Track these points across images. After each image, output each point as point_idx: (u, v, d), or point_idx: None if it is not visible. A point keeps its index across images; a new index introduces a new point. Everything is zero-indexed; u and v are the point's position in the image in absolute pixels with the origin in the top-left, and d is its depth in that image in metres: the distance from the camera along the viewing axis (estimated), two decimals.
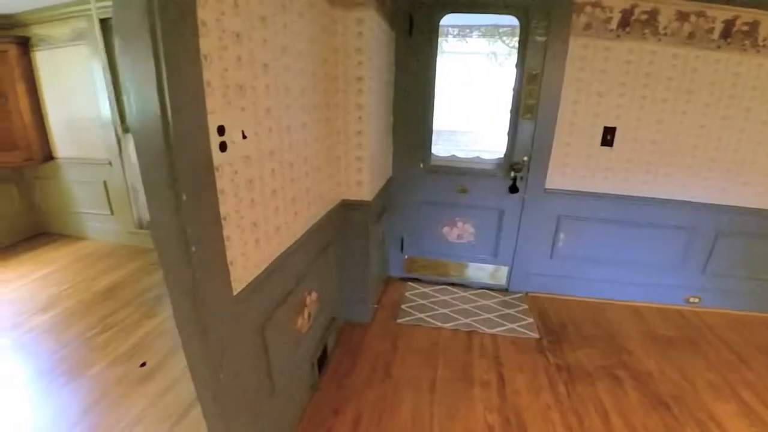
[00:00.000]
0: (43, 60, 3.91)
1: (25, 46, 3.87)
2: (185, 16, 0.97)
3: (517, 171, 2.84)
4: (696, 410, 2.11)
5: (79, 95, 3.83)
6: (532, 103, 2.75)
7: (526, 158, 2.83)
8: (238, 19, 1.19)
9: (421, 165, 2.98)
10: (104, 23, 3.53)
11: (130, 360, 2.44)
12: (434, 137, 2.98)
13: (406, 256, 3.25)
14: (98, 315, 2.93)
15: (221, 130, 1.11)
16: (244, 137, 1.22)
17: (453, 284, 3.24)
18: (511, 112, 2.83)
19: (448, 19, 2.75)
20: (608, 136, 2.74)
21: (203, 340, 1.15)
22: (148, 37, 0.88)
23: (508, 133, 2.86)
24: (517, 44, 2.75)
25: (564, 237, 2.97)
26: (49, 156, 4.17)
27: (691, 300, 3.06)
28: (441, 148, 3.03)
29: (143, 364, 2.39)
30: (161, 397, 2.16)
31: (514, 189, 2.86)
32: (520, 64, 2.71)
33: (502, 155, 2.94)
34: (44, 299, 3.19)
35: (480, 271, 3.20)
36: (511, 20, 2.70)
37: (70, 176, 4.20)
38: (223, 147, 1.12)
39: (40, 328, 2.82)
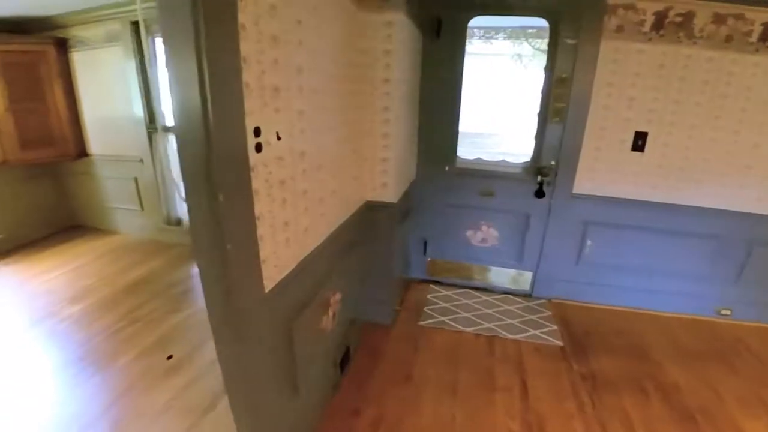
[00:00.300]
0: (79, 60, 4.06)
1: (63, 46, 4.02)
2: (227, 19, 1.00)
3: (544, 175, 2.80)
4: (724, 426, 2.04)
5: (113, 94, 3.97)
6: (560, 107, 2.70)
7: (553, 162, 2.79)
8: (275, 22, 1.21)
9: (447, 168, 2.97)
10: (136, 26, 3.64)
11: (157, 352, 2.51)
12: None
13: (428, 259, 3.24)
14: (127, 307, 3.02)
15: (257, 132, 1.13)
16: (279, 138, 1.24)
17: (475, 288, 3.21)
18: (539, 115, 2.79)
19: (474, 21, 2.73)
20: (639, 141, 2.68)
21: (235, 335, 1.18)
22: (192, 40, 0.90)
23: (536, 137, 2.82)
24: (544, 46, 2.72)
25: (591, 243, 2.91)
26: (83, 152, 4.33)
27: (723, 312, 2.96)
28: (464, 150, 3.02)
29: (170, 357, 2.45)
30: (186, 389, 2.22)
31: (540, 193, 2.82)
32: (549, 67, 2.67)
33: (528, 159, 2.91)
34: (76, 290, 3.31)
35: (503, 276, 3.17)
36: (539, 22, 2.67)
37: (103, 172, 4.35)
38: (258, 148, 1.14)
39: (71, 318, 2.93)
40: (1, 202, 4.07)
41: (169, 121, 3.95)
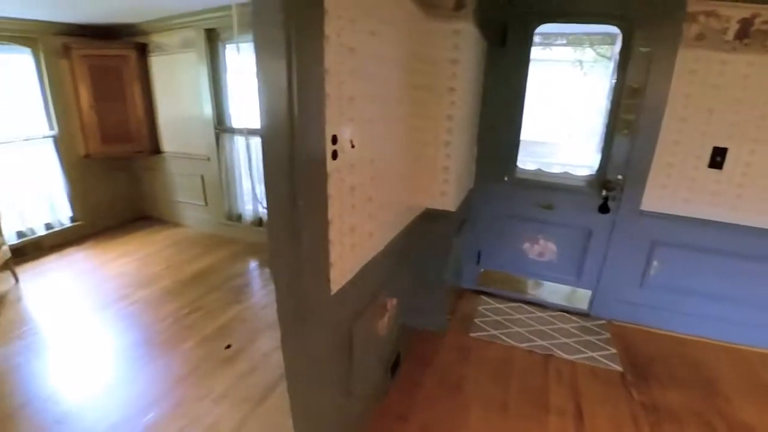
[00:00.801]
0: (156, 64, 4.39)
1: (143, 51, 4.37)
2: (315, 32, 1.04)
3: (609, 190, 2.67)
4: None
5: (185, 97, 4.25)
6: (630, 119, 2.57)
7: (620, 177, 2.65)
8: (354, 34, 1.25)
9: (506, 178, 2.91)
10: (210, 33, 3.88)
11: (216, 341, 2.65)
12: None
13: (481, 270, 3.19)
14: (190, 296, 3.22)
15: (334, 140, 1.17)
16: (353, 146, 1.28)
17: (528, 302, 3.11)
18: (606, 127, 2.67)
19: (539, 28, 2.67)
20: (718, 158, 2.48)
21: (302, 333, 1.22)
22: (283, 51, 0.95)
23: (602, 150, 2.70)
24: (608, 52, 2.60)
25: (658, 264, 2.74)
26: (156, 149, 4.68)
27: None
28: (518, 159, 2.95)
29: (228, 346, 2.58)
30: (242, 379, 2.32)
31: (604, 208, 2.69)
32: (620, 76, 2.55)
33: (591, 171, 2.79)
34: (146, 277, 3.57)
35: (559, 292, 3.05)
36: (605, 27, 2.55)
37: (173, 169, 4.68)
38: (334, 155, 1.18)
39: (141, 302, 3.16)
40: (82, 191, 4.47)
41: (236, 122, 4.17)
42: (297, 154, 0.99)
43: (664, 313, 2.83)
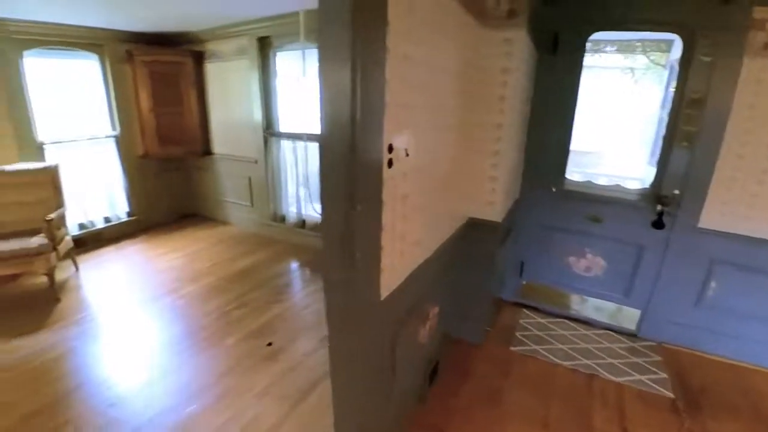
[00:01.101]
0: (211, 71, 4.62)
1: (199, 58, 4.61)
2: (378, 44, 1.07)
3: (664, 205, 2.54)
4: None
5: (237, 102, 4.45)
6: (690, 130, 2.45)
7: (677, 191, 2.52)
8: (410, 43, 1.27)
9: (553, 189, 2.83)
10: (261, 41, 4.04)
11: (259, 338, 2.74)
12: None
13: (524, 282, 3.12)
14: (235, 292, 3.35)
15: (390, 148, 1.19)
16: (407, 155, 1.30)
17: (572, 318, 3.01)
18: (664, 139, 2.55)
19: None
20: None
21: (350, 336, 1.24)
22: (348, 62, 0.98)
23: (658, 162, 2.58)
24: (662, 60, 2.48)
25: (716, 285, 2.57)
26: (208, 151, 4.91)
27: None
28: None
29: (270, 344, 2.65)
30: (283, 377, 2.38)
31: (659, 224, 2.56)
32: (679, 85, 2.43)
33: (645, 184, 2.67)
34: (193, 272, 3.74)
35: (605, 310, 2.93)
36: (661, 34, 2.44)
37: (222, 170, 4.89)
38: (390, 163, 1.20)
39: (189, 295, 3.31)
40: (139, 188, 4.76)
41: (283, 127, 4.32)
42: (357, 161, 1.02)
43: (720, 338, 2.65)
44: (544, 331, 2.87)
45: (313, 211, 4.27)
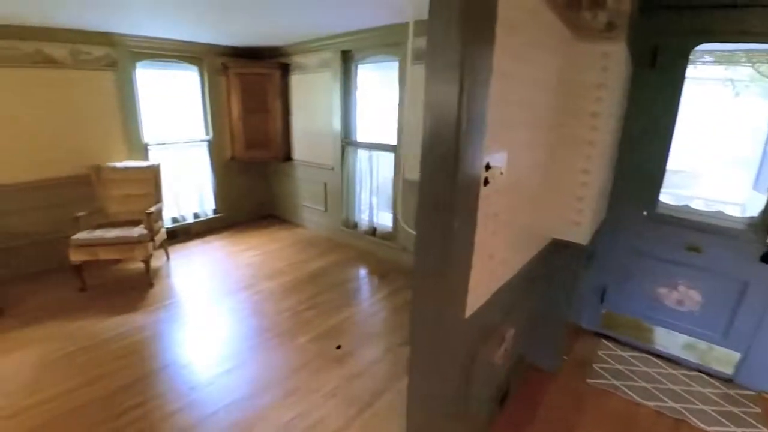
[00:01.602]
0: (295, 82, 4.90)
1: (285, 70, 4.92)
2: (485, 63, 1.07)
3: None
4: None
5: (318, 111, 4.67)
6: None
7: None
8: (511, 60, 1.25)
9: (645, 212, 2.63)
10: (344, 54, 4.21)
11: (328, 339, 2.82)
12: None
13: (604, 310, 2.91)
14: (307, 293, 3.49)
15: (488, 166, 1.19)
16: (501, 173, 1.28)
17: (658, 355, 2.75)
18: None
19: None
20: None
21: (432, 351, 1.25)
22: (457, 81, 0.99)
23: None
24: None
25: None
26: (288, 157, 5.21)
27: None
28: None
29: (339, 347, 2.72)
30: (350, 381, 2.43)
31: None
32: None
33: (750, 210, 2.38)
34: (270, 270, 3.96)
35: (697, 349, 2.64)
36: None
37: (300, 175, 5.16)
38: (485, 182, 1.19)
39: (265, 292, 3.51)
40: (225, 189, 5.16)
41: (360, 137, 4.46)
42: (459, 180, 1.02)
43: None
44: (625, 365, 2.66)
45: (383, 219, 4.34)
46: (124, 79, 4.07)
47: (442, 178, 1.04)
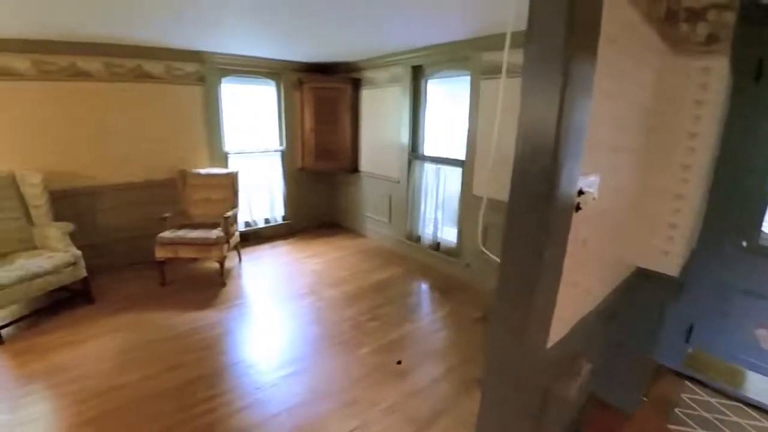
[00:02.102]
0: (366, 96, 5.04)
1: (356, 85, 5.07)
2: (586, 83, 1.02)
3: None
4: None
5: (386, 125, 4.75)
6: None
7: None
8: (609, 79, 1.19)
9: (744, 243, 2.36)
10: (415, 69, 4.25)
11: (389, 353, 2.81)
12: None
13: (690, 349, 2.64)
14: (370, 303, 3.52)
15: (580, 191, 1.13)
16: (594, 198, 1.21)
17: (753, 406, 2.43)
18: None
19: None
20: None
21: (507, 382, 1.19)
22: (557, 105, 0.95)
23: None
24: None
25: None
26: (355, 168, 5.34)
27: None
28: None
29: (399, 362, 2.70)
30: (410, 397, 2.40)
31: None
32: None
33: None
34: (334, 278, 4.06)
35: None
36: None
37: (366, 186, 5.27)
38: (577, 207, 1.13)
39: (329, 299, 3.59)
40: (294, 197, 5.40)
41: (428, 151, 4.46)
42: (553, 203, 0.98)
43: None
44: (714, 413, 2.37)
45: (447, 234, 4.29)
46: (210, 93, 4.43)
47: (535, 204, 1.00)
